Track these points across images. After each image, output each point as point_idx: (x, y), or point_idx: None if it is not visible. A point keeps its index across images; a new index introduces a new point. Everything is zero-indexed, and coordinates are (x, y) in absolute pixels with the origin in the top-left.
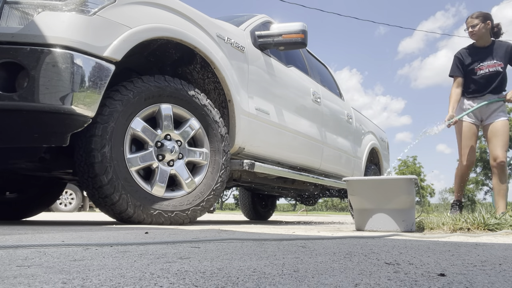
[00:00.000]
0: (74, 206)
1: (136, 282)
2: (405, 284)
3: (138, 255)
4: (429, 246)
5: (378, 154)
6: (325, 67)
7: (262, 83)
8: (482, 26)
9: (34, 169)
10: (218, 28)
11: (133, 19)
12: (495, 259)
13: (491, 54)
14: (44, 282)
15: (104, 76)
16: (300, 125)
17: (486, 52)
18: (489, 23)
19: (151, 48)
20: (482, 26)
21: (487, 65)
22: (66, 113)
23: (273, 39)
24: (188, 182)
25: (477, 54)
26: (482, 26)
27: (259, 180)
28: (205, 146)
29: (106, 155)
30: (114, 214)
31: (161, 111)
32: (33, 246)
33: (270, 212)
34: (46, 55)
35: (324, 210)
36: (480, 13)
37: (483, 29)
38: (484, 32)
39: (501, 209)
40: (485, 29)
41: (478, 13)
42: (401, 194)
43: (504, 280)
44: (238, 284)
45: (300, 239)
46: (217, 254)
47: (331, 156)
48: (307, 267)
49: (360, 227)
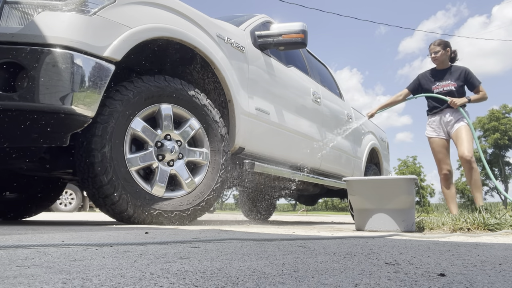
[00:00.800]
0: (74, 206)
1: (136, 282)
2: (405, 284)
3: (138, 255)
4: (429, 246)
5: (378, 154)
6: (325, 67)
7: (262, 83)
8: (443, 53)
9: (34, 169)
10: (218, 28)
11: (133, 19)
12: (495, 259)
13: (447, 76)
14: (44, 282)
15: (104, 76)
16: (300, 125)
17: (444, 74)
18: (448, 50)
19: (151, 48)
20: (443, 52)
21: (442, 84)
22: (66, 113)
23: (273, 39)
24: (188, 182)
25: (436, 75)
26: (442, 53)
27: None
28: (205, 146)
29: (106, 155)
30: (114, 214)
31: (161, 111)
32: (33, 246)
33: (270, 212)
34: (46, 55)
35: (324, 210)
36: (441, 41)
37: (443, 55)
38: (444, 58)
39: (479, 202)
40: (445, 55)
41: (440, 41)
42: (401, 194)
43: (504, 280)
44: (238, 284)
45: (300, 239)
46: (217, 254)
47: (331, 156)
48: (307, 267)
49: (360, 227)
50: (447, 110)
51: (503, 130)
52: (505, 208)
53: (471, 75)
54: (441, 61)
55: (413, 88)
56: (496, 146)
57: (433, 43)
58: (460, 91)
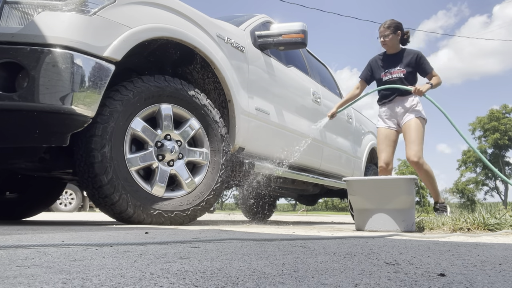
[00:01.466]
0: (74, 206)
1: (136, 282)
2: (405, 284)
3: (138, 255)
4: (429, 246)
5: None
6: (325, 67)
7: (262, 83)
8: (393, 37)
9: (34, 169)
10: (218, 28)
11: (133, 19)
12: (495, 259)
13: (398, 61)
14: (44, 282)
15: (104, 76)
16: (300, 125)
17: (395, 60)
18: (399, 33)
19: (151, 48)
20: (393, 36)
21: (392, 71)
22: (66, 113)
23: (273, 39)
24: (188, 182)
25: (386, 61)
26: (392, 37)
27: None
28: (205, 146)
29: (106, 155)
30: (114, 214)
31: (161, 111)
32: (33, 246)
33: (270, 212)
34: (46, 55)
35: (324, 210)
36: (392, 23)
37: (394, 39)
38: (395, 42)
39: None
40: (395, 39)
41: (390, 22)
42: (401, 194)
43: (504, 280)
44: (238, 284)
45: (300, 239)
46: (217, 254)
47: (331, 156)
48: (307, 267)
49: (360, 227)
50: (397, 100)
51: (503, 130)
52: (505, 208)
53: (423, 60)
54: (391, 46)
55: (366, 76)
56: (496, 146)
57: (382, 24)
58: (409, 78)
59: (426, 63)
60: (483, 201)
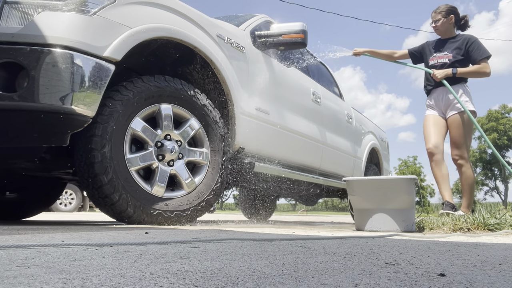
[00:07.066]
0: (74, 206)
1: (136, 282)
2: (405, 284)
3: (138, 255)
4: (429, 246)
5: (378, 154)
6: (325, 67)
7: (262, 83)
8: (444, 21)
9: (34, 169)
10: (218, 28)
11: (133, 19)
12: (495, 259)
13: (448, 46)
14: (44, 282)
15: (104, 76)
16: (300, 125)
17: (445, 45)
18: (452, 17)
19: (151, 48)
20: (444, 21)
21: (438, 56)
22: (66, 113)
23: (273, 39)
24: (188, 182)
25: (437, 46)
26: (444, 21)
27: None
28: (205, 146)
29: (106, 155)
30: (114, 214)
31: (161, 111)
32: (33, 246)
33: (270, 212)
34: (46, 55)
35: (324, 210)
36: (444, 7)
37: (445, 24)
38: (447, 26)
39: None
40: (448, 24)
41: (443, 6)
42: (401, 194)
43: (504, 280)
44: (238, 284)
45: (300, 239)
46: (217, 254)
47: (331, 156)
48: (307, 267)
49: (360, 227)
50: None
51: (502, 130)
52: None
53: (473, 46)
54: (443, 31)
55: (412, 51)
56: (496, 146)
57: (434, 10)
58: (457, 64)
59: (476, 49)
60: (483, 201)
